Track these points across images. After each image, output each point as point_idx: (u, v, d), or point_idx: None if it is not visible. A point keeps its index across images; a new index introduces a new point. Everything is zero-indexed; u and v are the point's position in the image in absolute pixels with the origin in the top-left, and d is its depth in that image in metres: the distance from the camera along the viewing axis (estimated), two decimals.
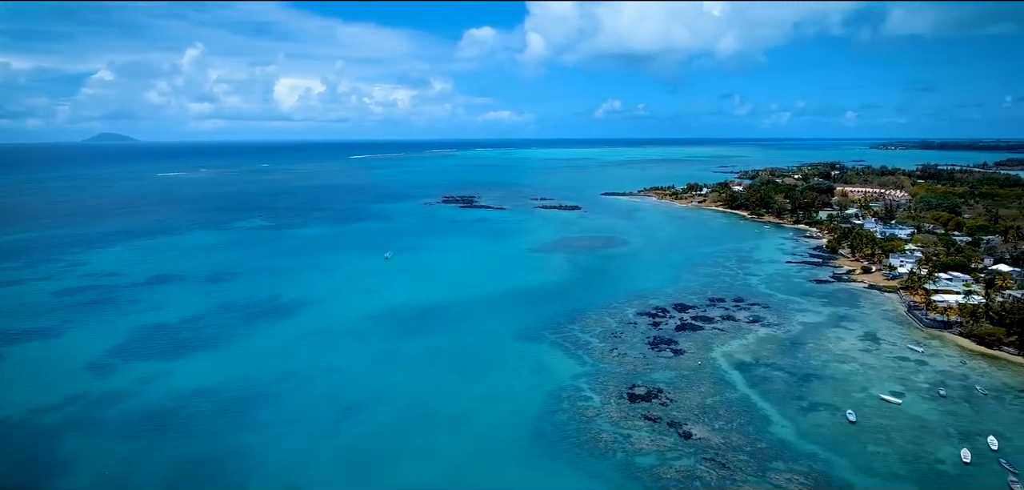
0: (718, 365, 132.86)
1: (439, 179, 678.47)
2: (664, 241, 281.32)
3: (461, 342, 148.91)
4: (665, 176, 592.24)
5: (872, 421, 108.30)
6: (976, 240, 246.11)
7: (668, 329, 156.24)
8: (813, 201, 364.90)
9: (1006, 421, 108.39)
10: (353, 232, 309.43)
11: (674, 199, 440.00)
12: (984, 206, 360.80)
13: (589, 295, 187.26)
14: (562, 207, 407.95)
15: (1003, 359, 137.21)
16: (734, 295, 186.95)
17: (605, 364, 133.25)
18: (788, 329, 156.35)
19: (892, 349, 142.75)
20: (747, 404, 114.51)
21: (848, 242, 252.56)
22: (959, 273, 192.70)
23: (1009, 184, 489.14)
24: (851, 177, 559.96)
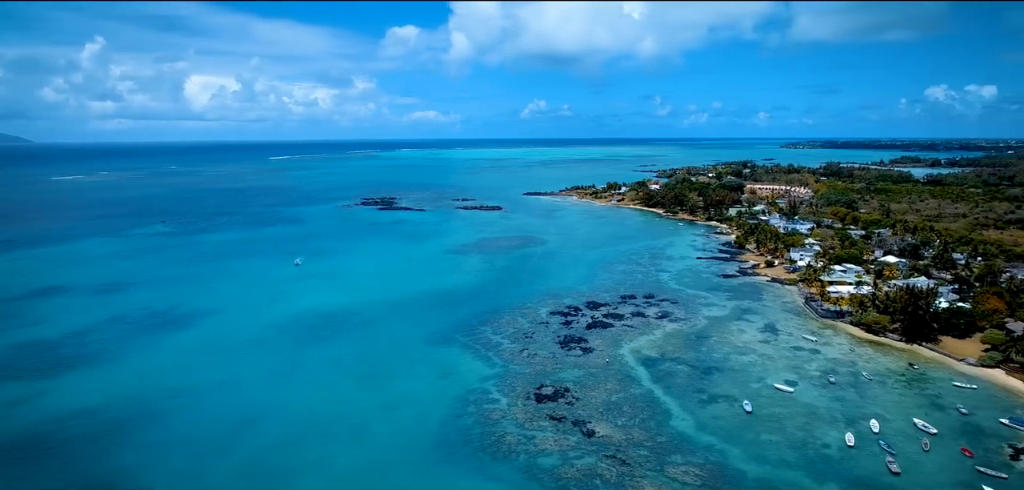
0: (625, 362, 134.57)
1: (360, 180, 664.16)
2: (581, 240, 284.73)
3: (368, 349, 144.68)
4: (587, 176, 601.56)
5: (767, 410, 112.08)
6: (869, 234, 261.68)
7: (579, 327, 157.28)
8: (724, 198, 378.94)
9: (887, 404, 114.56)
10: (264, 237, 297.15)
11: (594, 198, 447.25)
12: (878, 201, 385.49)
13: (504, 296, 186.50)
14: (483, 207, 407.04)
15: (887, 345, 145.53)
16: (645, 292, 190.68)
17: (514, 365, 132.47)
18: (694, 324, 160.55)
19: (789, 340, 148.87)
20: (651, 399, 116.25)
21: (754, 238, 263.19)
22: (852, 265, 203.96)
23: (902, 180, 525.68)
24: (761, 175, 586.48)
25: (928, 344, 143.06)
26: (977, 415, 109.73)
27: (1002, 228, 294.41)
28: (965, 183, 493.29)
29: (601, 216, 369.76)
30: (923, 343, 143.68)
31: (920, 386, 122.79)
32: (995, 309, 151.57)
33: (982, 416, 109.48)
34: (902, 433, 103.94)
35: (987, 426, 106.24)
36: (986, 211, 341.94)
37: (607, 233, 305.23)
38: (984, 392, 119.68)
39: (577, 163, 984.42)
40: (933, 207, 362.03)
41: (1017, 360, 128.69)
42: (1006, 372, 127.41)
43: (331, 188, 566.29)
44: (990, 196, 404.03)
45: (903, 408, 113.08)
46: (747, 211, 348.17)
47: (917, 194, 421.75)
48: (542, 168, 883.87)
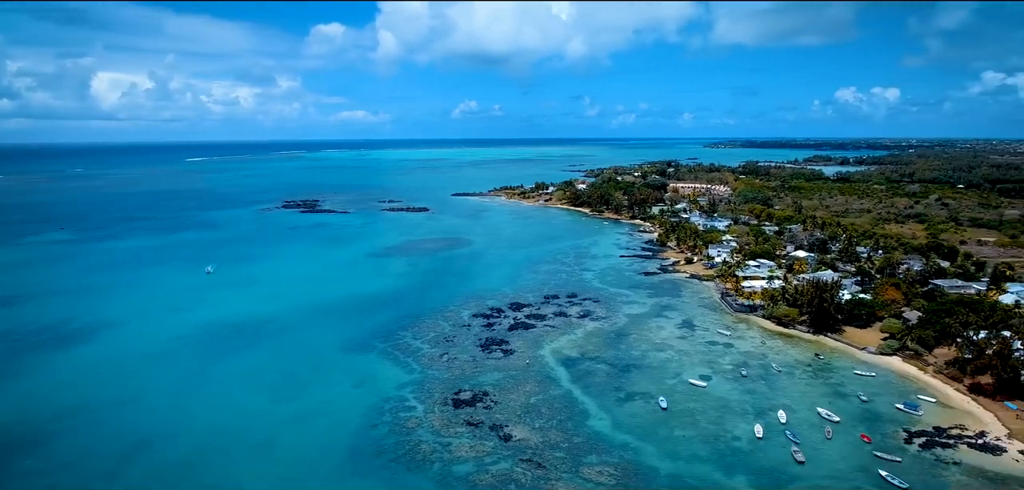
0: (545, 363, 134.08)
1: (282, 182, 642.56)
2: (507, 240, 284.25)
3: (281, 358, 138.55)
4: (516, 176, 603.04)
5: (681, 406, 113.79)
6: (782, 230, 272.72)
7: (501, 329, 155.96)
8: (648, 197, 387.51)
9: (794, 395, 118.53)
10: (174, 244, 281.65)
11: (522, 198, 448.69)
12: (792, 198, 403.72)
13: (426, 299, 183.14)
14: (410, 209, 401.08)
15: (796, 337, 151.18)
16: (569, 291, 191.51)
17: (433, 370, 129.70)
18: (615, 322, 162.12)
19: (705, 335, 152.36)
20: (569, 400, 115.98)
21: (675, 235, 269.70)
22: (766, 260, 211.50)
23: (814, 178, 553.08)
24: (684, 174, 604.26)
25: (833, 335, 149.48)
26: (875, 402, 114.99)
27: (902, 222, 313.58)
28: (870, 180, 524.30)
29: (528, 216, 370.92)
30: (828, 334, 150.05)
31: (825, 376, 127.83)
32: (893, 299, 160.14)
33: (880, 402, 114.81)
34: (807, 422, 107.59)
35: (884, 412, 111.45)
36: (888, 206, 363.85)
37: (533, 233, 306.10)
38: (882, 379, 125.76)
39: (507, 163, 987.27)
40: (841, 203, 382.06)
41: (912, 348, 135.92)
42: (902, 359, 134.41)
43: (251, 190, 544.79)
44: (892, 192, 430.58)
45: (809, 398, 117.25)
46: (670, 209, 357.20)
47: (827, 191, 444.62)
48: (472, 168, 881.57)
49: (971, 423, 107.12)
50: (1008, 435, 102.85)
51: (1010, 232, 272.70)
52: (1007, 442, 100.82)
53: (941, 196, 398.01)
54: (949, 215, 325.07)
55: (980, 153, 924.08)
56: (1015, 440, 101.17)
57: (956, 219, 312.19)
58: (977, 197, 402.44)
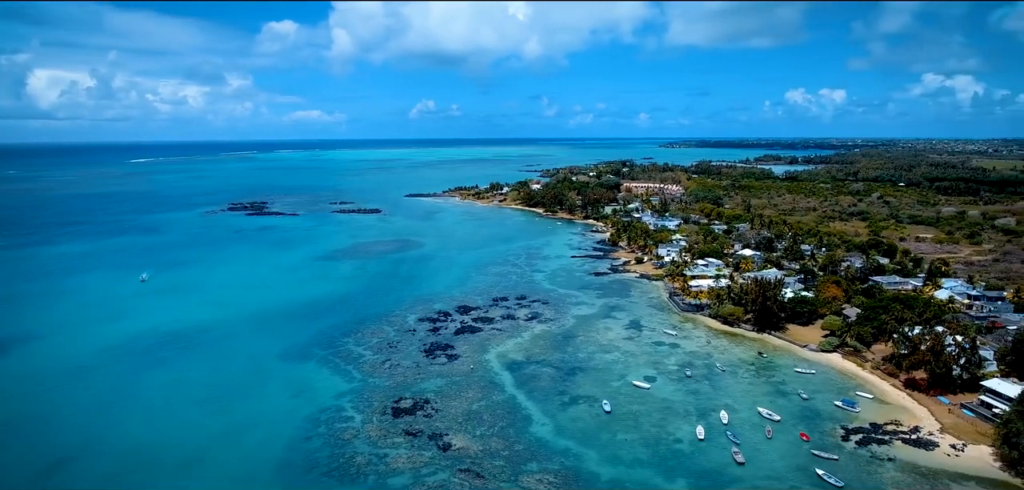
0: (490, 367, 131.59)
1: (230, 184, 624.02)
2: (459, 242, 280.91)
3: (216, 369, 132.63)
4: (472, 176, 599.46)
5: (625, 408, 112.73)
6: (730, 228, 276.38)
7: (447, 334, 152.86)
8: (601, 197, 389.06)
9: (736, 394, 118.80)
10: (109, 250, 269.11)
11: (477, 199, 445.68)
12: (742, 197, 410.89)
13: (372, 304, 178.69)
14: (361, 211, 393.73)
15: (741, 336, 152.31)
16: (518, 293, 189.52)
17: (375, 378, 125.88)
18: (563, 324, 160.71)
19: (651, 335, 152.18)
20: (512, 405, 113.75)
21: (627, 235, 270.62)
22: (714, 259, 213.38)
23: (764, 177, 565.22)
24: (638, 174, 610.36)
25: (776, 333, 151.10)
26: (815, 399, 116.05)
27: (846, 220, 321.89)
28: (817, 179, 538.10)
29: (482, 217, 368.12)
30: (772, 332, 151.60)
31: (767, 374, 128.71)
32: (834, 296, 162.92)
33: (819, 400, 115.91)
34: (749, 422, 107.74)
35: (823, 409, 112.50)
36: (833, 205, 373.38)
37: (486, 234, 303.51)
38: (822, 376, 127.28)
39: (464, 163, 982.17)
40: (789, 202, 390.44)
41: (851, 344, 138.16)
42: (842, 356, 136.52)
43: (196, 193, 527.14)
44: (837, 191, 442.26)
45: (751, 397, 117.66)
46: (622, 209, 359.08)
47: (776, 190, 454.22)
48: (428, 169, 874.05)
49: (906, 418, 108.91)
50: (941, 429, 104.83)
51: (946, 229, 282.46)
52: (939, 436, 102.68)
53: (883, 194, 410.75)
54: (890, 213, 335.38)
55: (920, 153, 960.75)
56: (947, 434, 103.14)
57: (897, 216, 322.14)
58: (917, 195, 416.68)
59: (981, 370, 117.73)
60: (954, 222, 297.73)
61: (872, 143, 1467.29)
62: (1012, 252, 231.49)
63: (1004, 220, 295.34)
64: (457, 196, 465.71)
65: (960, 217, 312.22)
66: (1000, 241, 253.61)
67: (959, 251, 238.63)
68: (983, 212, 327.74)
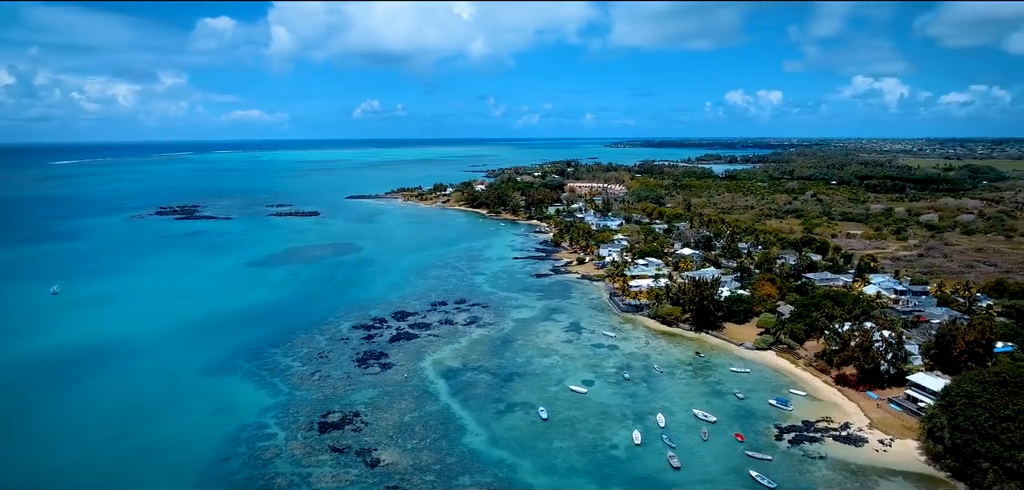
0: (425, 375, 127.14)
1: (160, 187, 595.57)
2: (399, 245, 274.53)
3: (128, 387, 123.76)
4: (416, 177, 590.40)
5: (562, 415, 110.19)
6: (671, 228, 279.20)
7: (382, 341, 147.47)
8: (545, 197, 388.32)
9: (674, 396, 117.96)
10: (20, 259, 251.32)
11: (420, 200, 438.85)
12: (683, 196, 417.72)
13: (304, 312, 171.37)
14: (298, 213, 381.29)
15: (679, 336, 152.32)
16: (457, 297, 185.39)
17: (302, 391, 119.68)
18: (502, 328, 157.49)
19: (590, 338, 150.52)
20: (446, 415, 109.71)
21: (569, 235, 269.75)
22: (654, 259, 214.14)
23: (704, 176, 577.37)
24: (582, 174, 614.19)
25: (713, 332, 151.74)
26: (750, 399, 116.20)
27: (781, 217, 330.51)
28: (755, 178, 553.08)
29: (424, 218, 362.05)
30: (710, 331, 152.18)
31: (704, 374, 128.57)
32: (769, 294, 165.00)
33: (754, 399, 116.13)
34: (685, 424, 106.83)
35: (758, 408, 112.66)
36: (770, 203, 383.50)
37: (428, 236, 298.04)
38: (757, 375, 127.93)
39: (409, 164, 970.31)
40: (728, 200, 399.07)
41: (785, 342, 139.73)
42: (777, 353, 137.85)
43: (123, 196, 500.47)
44: (774, 189, 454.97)
45: (688, 398, 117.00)
46: (566, 209, 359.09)
47: (716, 189, 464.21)
48: (371, 170, 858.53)
49: (837, 415, 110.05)
50: (869, 425, 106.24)
51: (875, 225, 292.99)
52: (868, 432, 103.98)
53: (816, 192, 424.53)
54: (823, 210, 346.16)
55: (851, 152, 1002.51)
56: (876, 430, 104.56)
57: (829, 214, 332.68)
58: (848, 193, 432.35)
59: (907, 365, 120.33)
60: (882, 219, 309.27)
61: (807, 143, 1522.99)
62: (935, 247, 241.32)
63: (928, 216, 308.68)
64: (400, 197, 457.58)
65: (887, 214, 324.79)
66: (924, 237, 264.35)
67: (887, 247, 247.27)
68: (908, 209, 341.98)
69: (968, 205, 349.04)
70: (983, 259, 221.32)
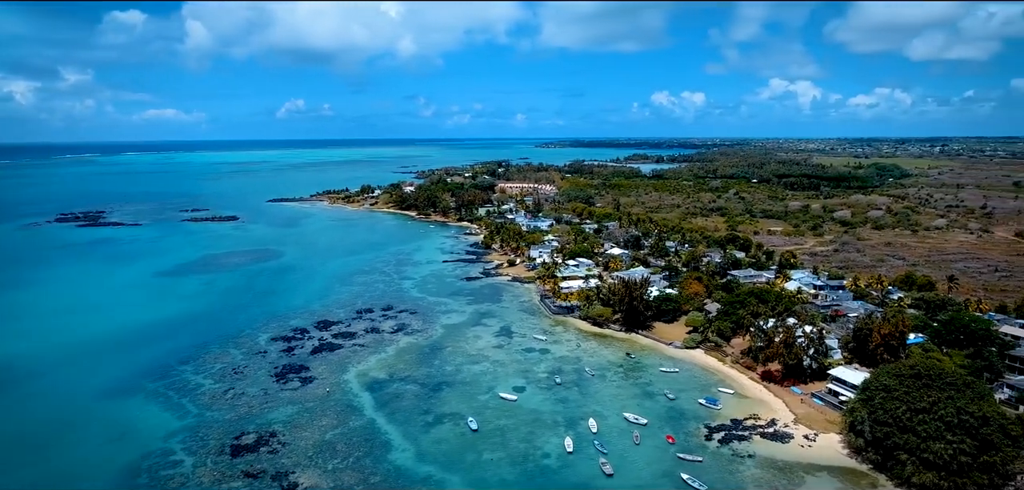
0: (349, 389, 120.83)
1: (61, 191, 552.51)
2: (324, 250, 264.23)
3: (15, 415, 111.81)
4: (343, 179, 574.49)
5: (492, 424, 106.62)
6: (601, 227, 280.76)
7: (303, 353, 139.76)
8: (475, 198, 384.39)
9: (605, 399, 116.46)
10: None
11: (347, 202, 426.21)
12: (612, 196, 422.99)
13: (219, 324, 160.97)
14: (216, 218, 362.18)
15: (610, 337, 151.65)
16: (384, 303, 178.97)
17: (214, 411, 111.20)
18: (430, 335, 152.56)
19: (522, 342, 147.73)
20: (371, 431, 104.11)
21: (500, 237, 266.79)
22: (584, 259, 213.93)
23: (633, 176, 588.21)
24: (513, 174, 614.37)
25: (644, 332, 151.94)
26: (680, 399, 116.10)
27: (706, 215, 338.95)
28: (681, 177, 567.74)
29: (351, 222, 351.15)
30: (640, 331, 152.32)
31: (635, 376, 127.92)
32: (696, 292, 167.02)
33: (684, 399, 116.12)
34: (617, 428, 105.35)
35: (688, 409, 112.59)
36: (695, 201, 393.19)
37: (354, 240, 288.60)
38: (687, 374, 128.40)
39: (336, 165, 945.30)
40: (656, 199, 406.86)
41: (713, 340, 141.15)
42: (705, 352, 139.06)
43: (18, 202, 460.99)
44: (698, 188, 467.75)
45: (620, 401, 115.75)
46: (496, 210, 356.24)
47: (644, 188, 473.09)
48: (295, 171, 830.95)
49: (764, 411, 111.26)
50: (795, 420, 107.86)
51: (793, 222, 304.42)
52: (793, 428, 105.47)
53: (739, 190, 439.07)
54: (745, 208, 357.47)
55: (770, 151, 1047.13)
56: (800, 425, 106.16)
57: (751, 211, 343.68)
58: (767, 191, 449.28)
59: (828, 359, 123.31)
60: (800, 216, 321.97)
61: (728, 143, 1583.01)
62: (849, 243, 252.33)
63: (841, 213, 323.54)
64: (326, 200, 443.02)
65: (805, 211, 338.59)
66: (839, 232, 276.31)
67: (805, 242, 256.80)
68: (824, 205, 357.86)
69: (877, 201, 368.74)
70: (892, 253, 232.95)
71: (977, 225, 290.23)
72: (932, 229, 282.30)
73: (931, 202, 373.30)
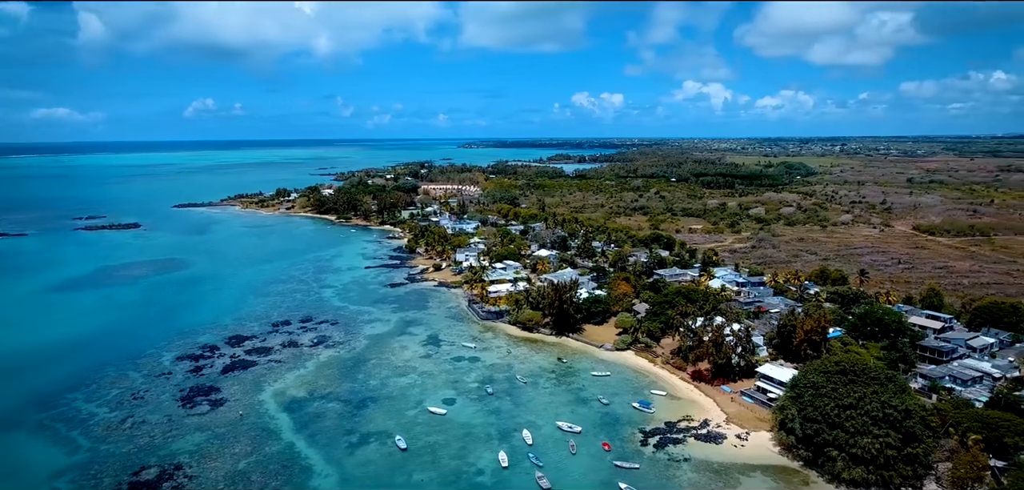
0: (265, 410, 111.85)
1: None
2: (237, 258, 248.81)
3: None
4: (257, 182, 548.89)
5: (422, 441, 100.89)
6: (527, 229, 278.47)
7: (212, 373, 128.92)
8: (398, 201, 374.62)
9: (538, 408, 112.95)
10: None
11: (261, 207, 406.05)
12: (537, 196, 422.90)
13: (116, 344, 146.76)
14: (115, 226, 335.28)
15: (540, 341, 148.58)
16: (303, 314, 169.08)
17: (109, 444, 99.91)
18: (354, 347, 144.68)
19: (450, 350, 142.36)
20: (290, 456, 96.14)
21: (424, 240, 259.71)
22: (511, 262, 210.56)
23: (556, 176, 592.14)
24: (436, 175, 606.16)
25: (574, 335, 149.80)
26: (614, 403, 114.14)
27: (629, 215, 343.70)
28: (603, 177, 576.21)
29: (266, 227, 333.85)
30: (570, 334, 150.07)
31: (568, 381, 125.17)
32: (625, 293, 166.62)
33: (618, 403, 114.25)
34: (552, 438, 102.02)
35: (622, 413, 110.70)
36: (618, 201, 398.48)
37: (270, 247, 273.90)
38: (618, 377, 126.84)
39: (249, 167, 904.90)
40: (580, 199, 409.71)
41: (643, 341, 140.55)
42: (635, 353, 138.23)
43: None
44: (620, 187, 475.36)
45: (553, 409, 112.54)
46: (420, 213, 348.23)
47: (568, 188, 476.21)
48: (205, 174, 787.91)
49: (696, 412, 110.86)
50: (726, 420, 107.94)
51: (712, 219, 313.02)
52: (726, 427, 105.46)
53: (659, 190, 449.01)
54: (666, 207, 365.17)
55: (686, 151, 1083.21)
56: (733, 424, 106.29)
57: (671, 210, 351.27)
58: (686, 189, 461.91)
59: (755, 356, 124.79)
60: (717, 213, 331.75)
61: (647, 143, 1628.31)
62: (765, 239, 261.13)
63: (756, 210, 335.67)
64: (238, 205, 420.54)
65: (722, 208, 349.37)
66: (755, 229, 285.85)
67: (724, 239, 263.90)
68: (739, 203, 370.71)
69: (788, 199, 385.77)
70: (805, 248, 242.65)
71: (879, 220, 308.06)
72: (839, 224, 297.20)
73: (836, 198, 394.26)
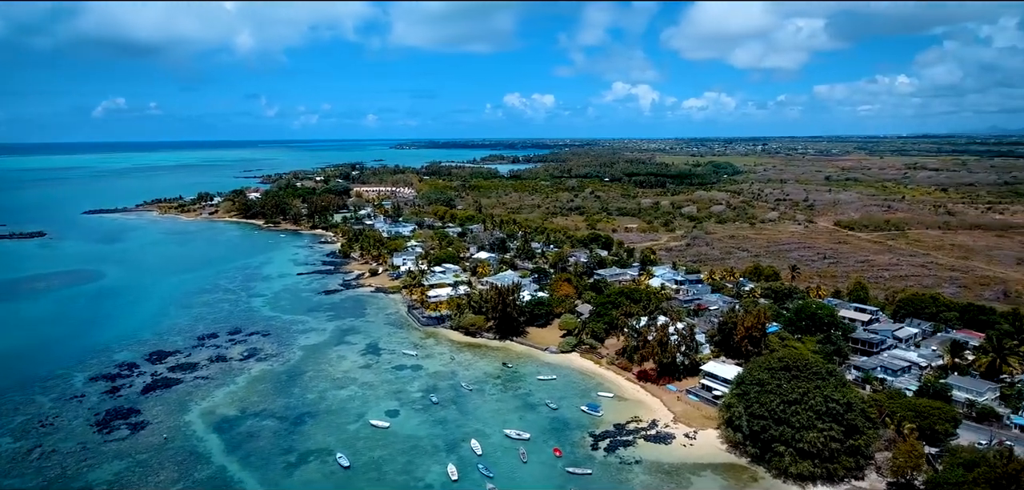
0: (192, 432, 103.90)
1: None
2: (156, 267, 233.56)
3: None
4: (177, 185, 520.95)
5: (365, 457, 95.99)
6: (465, 230, 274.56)
7: (132, 393, 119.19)
8: (330, 204, 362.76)
9: (486, 415, 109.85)
10: None
11: (181, 212, 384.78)
12: (472, 197, 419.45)
13: (20, 366, 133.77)
14: (15, 235, 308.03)
15: (484, 346, 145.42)
16: (231, 326, 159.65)
17: (14, 478, 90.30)
18: (288, 359, 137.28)
19: (391, 359, 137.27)
20: (222, 481, 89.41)
21: (359, 244, 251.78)
22: (451, 265, 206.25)
23: (491, 177, 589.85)
24: (369, 177, 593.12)
25: (518, 339, 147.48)
26: (562, 408, 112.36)
27: (566, 215, 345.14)
28: (538, 177, 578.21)
29: (188, 234, 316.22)
30: (514, 338, 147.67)
31: (514, 387, 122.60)
32: (567, 294, 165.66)
33: (566, 407, 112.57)
34: (502, 447, 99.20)
35: (571, 417, 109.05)
36: (554, 201, 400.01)
37: (193, 255, 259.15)
38: (565, 380, 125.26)
39: (167, 170, 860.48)
40: (516, 200, 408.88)
41: (587, 342, 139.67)
42: (581, 355, 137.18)
43: None
44: (556, 187, 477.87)
45: (501, 416, 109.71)
46: (354, 216, 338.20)
47: (503, 189, 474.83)
48: (118, 178, 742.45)
49: (644, 413, 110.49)
50: (674, 419, 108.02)
51: (647, 218, 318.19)
52: (674, 427, 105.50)
53: (594, 189, 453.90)
54: (601, 206, 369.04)
55: (617, 150, 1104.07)
56: (680, 424, 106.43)
57: (607, 210, 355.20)
58: (620, 189, 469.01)
59: (699, 354, 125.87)
60: (652, 212, 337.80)
61: (578, 143, 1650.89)
62: (699, 237, 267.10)
63: (688, 208, 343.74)
64: (156, 210, 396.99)
65: (656, 207, 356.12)
66: (688, 227, 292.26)
67: (659, 238, 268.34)
68: (672, 202, 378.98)
69: (717, 197, 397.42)
70: (737, 245, 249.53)
71: (803, 217, 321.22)
72: (767, 221, 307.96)
73: (762, 196, 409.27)
